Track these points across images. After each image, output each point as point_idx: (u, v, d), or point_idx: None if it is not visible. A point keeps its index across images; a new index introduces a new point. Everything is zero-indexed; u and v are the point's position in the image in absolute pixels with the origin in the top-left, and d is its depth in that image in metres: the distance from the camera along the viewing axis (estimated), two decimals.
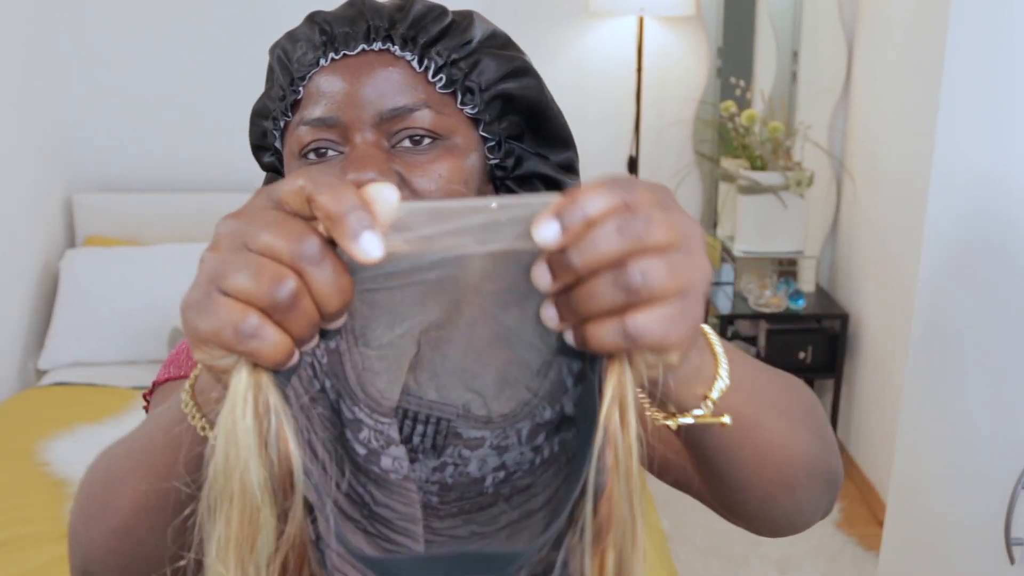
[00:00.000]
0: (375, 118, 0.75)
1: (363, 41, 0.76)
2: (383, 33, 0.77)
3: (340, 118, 0.75)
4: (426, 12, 0.79)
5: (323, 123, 0.75)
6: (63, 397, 2.65)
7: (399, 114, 0.75)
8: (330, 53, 0.77)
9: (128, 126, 3.20)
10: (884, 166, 2.94)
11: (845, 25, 3.21)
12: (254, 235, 0.47)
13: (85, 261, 2.98)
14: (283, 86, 0.79)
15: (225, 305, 0.46)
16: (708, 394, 0.59)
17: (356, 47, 0.76)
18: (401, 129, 0.75)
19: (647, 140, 3.36)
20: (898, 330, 2.82)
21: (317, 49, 0.77)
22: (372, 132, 0.75)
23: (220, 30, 3.13)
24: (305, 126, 0.76)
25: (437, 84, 0.77)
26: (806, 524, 0.75)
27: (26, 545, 1.98)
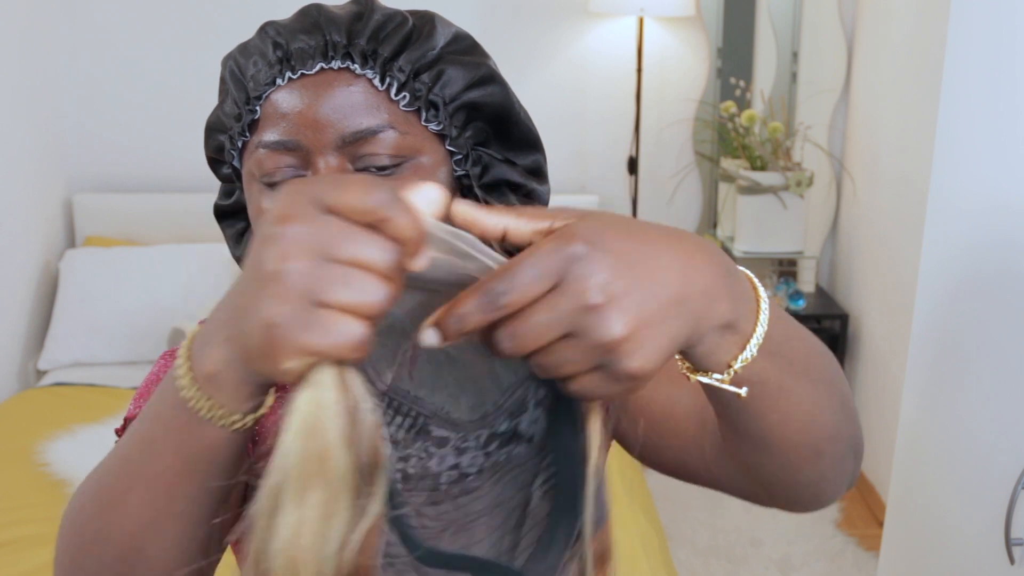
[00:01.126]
0: (337, 141, 0.72)
1: (321, 59, 0.72)
2: (342, 50, 0.73)
3: (301, 142, 0.72)
4: (384, 21, 0.75)
5: (283, 147, 0.72)
6: (63, 397, 2.65)
7: (362, 137, 0.72)
8: (287, 72, 0.73)
9: (128, 126, 3.20)
10: (884, 166, 2.94)
11: (845, 25, 3.21)
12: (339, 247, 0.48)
13: (85, 261, 2.98)
14: (238, 103, 0.75)
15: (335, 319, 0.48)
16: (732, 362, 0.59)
17: (314, 66, 0.72)
18: (365, 154, 0.72)
19: (647, 140, 3.36)
20: (898, 330, 2.82)
21: (272, 67, 0.73)
22: (335, 156, 0.72)
23: (220, 30, 3.13)
24: (264, 149, 0.72)
25: (400, 102, 0.74)
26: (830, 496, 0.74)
27: (26, 545, 1.98)
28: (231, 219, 0.84)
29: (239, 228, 0.84)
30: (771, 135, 3.12)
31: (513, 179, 0.81)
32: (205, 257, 3.02)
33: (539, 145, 0.85)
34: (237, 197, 0.82)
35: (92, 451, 2.28)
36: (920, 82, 2.63)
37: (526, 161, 0.83)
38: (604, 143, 3.36)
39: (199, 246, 3.06)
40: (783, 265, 3.28)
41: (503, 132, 0.81)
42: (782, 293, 3.17)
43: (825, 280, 3.47)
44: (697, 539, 2.79)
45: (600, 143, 3.36)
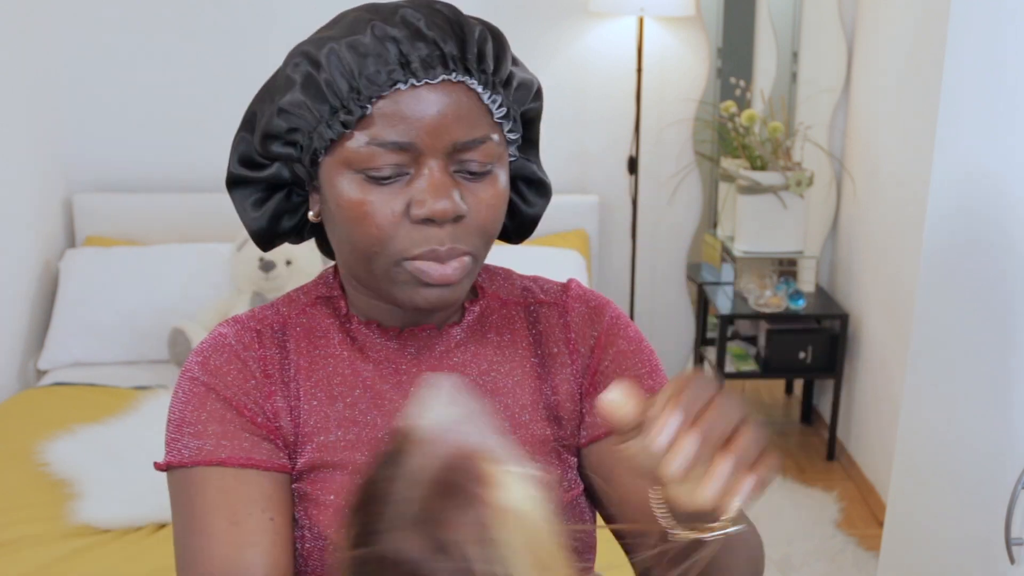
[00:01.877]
0: (449, 148, 0.80)
1: (443, 70, 0.79)
2: (460, 64, 0.80)
3: (417, 144, 0.79)
4: (481, 35, 0.82)
5: (400, 147, 0.79)
6: (63, 397, 2.65)
7: (472, 146, 0.81)
8: (410, 79, 0.79)
9: (128, 126, 3.20)
10: (884, 166, 2.94)
11: (845, 25, 3.21)
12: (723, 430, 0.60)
13: (85, 261, 2.98)
14: (342, 96, 0.80)
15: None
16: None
17: (437, 75, 0.79)
18: (465, 159, 0.81)
19: (647, 140, 3.36)
20: (898, 330, 2.82)
21: (394, 70, 0.79)
22: (441, 159, 0.80)
23: (220, 31, 3.13)
24: (378, 147, 0.79)
25: (497, 114, 0.83)
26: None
27: (26, 545, 1.98)
28: (245, 187, 0.89)
29: (258, 196, 0.89)
30: (771, 135, 3.12)
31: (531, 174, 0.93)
32: (205, 257, 3.02)
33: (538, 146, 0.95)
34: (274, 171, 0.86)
35: (92, 451, 2.28)
36: (920, 82, 2.63)
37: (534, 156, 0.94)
38: (604, 143, 3.36)
39: (199, 246, 3.05)
40: (783, 265, 3.28)
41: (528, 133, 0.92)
42: (782, 293, 3.17)
43: (825, 280, 3.47)
44: None
45: (600, 143, 3.36)
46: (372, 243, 0.82)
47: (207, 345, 0.89)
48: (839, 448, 3.32)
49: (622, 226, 3.43)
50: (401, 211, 0.81)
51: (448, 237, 0.81)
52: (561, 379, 0.95)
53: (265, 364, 0.88)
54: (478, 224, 0.83)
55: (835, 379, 3.22)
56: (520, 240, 0.98)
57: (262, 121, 0.85)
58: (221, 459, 0.83)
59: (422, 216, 0.80)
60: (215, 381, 0.86)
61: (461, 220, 0.82)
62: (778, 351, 3.19)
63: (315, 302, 0.93)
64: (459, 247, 0.82)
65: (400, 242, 0.81)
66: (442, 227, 0.81)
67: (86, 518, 2.05)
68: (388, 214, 0.80)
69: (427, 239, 0.81)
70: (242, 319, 0.91)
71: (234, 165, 0.89)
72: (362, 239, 0.82)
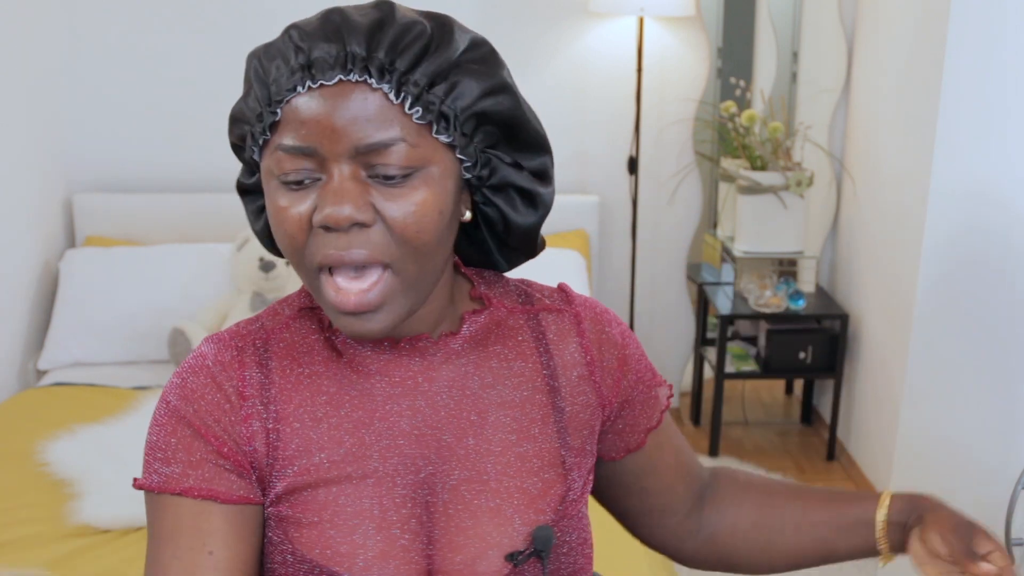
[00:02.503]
0: (351, 151, 0.76)
1: (340, 70, 0.76)
2: (360, 62, 0.76)
3: (317, 149, 0.77)
4: (403, 32, 0.78)
5: (300, 152, 0.77)
6: (63, 397, 2.65)
7: (374, 149, 0.76)
8: (307, 80, 0.76)
9: (128, 126, 3.20)
10: (884, 166, 2.94)
11: (845, 25, 3.21)
12: None
13: (85, 261, 2.98)
14: (260, 103, 0.80)
15: None
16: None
17: (333, 77, 0.76)
18: (376, 163, 0.77)
19: (647, 140, 3.36)
20: (898, 330, 2.82)
21: (294, 73, 0.77)
22: (349, 164, 0.77)
23: (220, 31, 3.13)
24: (283, 152, 0.78)
25: (413, 115, 0.78)
26: None
27: (26, 545, 1.98)
28: (252, 195, 0.90)
29: (260, 204, 0.89)
30: (771, 135, 3.12)
31: (519, 183, 0.86)
32: (205, 257, 3.01)
33: (547, 147, 0.89)
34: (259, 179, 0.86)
35: (92, 451, 2.28)
36: (920, 82, 2.63)
37: (533, 163, 0.87)
38: (604, 143, 3.36)
39: (199, 246, 3.05)
40: (783, 265, 3.28)
41: (512, 136, 0.85)
42: (782, 293, 3.17)
43: (825, 280, 3.47)
44: None
45: (600, 143, 3.36)
46: (290, 253, 0.81)
47: (186, 367, 0.88)
48: (839, 448, 3.32)
49: (622, 226, 3.43)
50: (308, 216, 0.79)
51: (354, 244, 0.78)
52: (578, 391, 0.94)
53: (243, 386, 0.86)
54: (396, 233, 0.78)
55: (835, 379, 3.22)
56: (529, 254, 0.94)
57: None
58: (183, 488, 0.84)
59: (319, 222, 0.77)
60: (187, 408, 0.86)
61: (367, 228, 0.78)
62: (778, 351, 3.19)
63: (298, 314, 0.91)
64: (366, 255, 0.78)
65: (310, 249, 0.79)
66: (346, 233, 0.78)
67: (86, 518, 2.05)
68: (297, 220, 0.79)
69: (330, 245, 0.78)
70: (224, 336, 0.89)
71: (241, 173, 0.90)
72: (282, 247, 0.81)
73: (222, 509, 0.84)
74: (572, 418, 0.93)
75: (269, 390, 0.87)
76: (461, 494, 0.88)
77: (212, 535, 0.84)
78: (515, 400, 0.91)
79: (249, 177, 0.88)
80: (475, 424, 0.89)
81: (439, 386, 0.89)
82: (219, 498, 0.84)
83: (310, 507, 0.85)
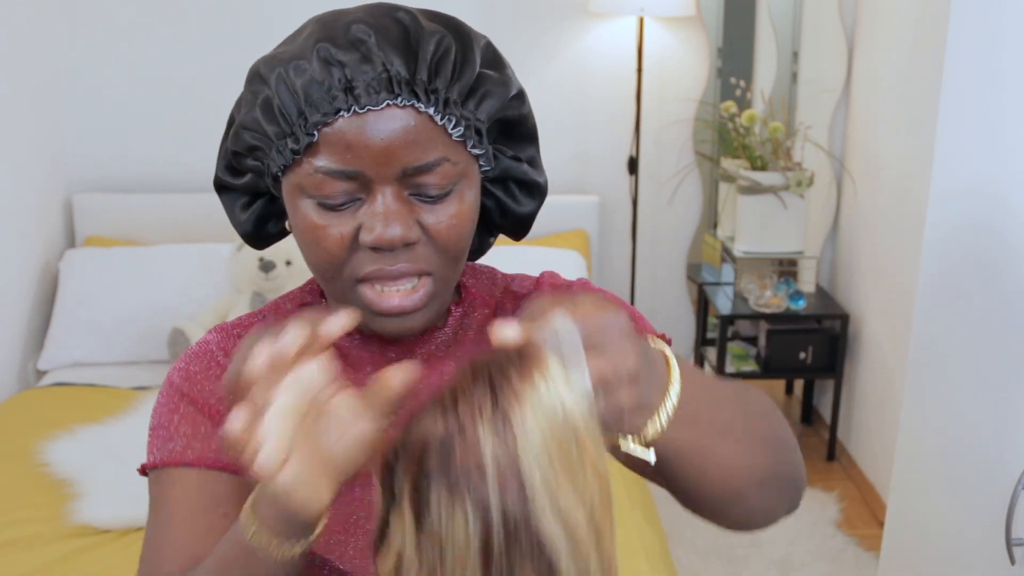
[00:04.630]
0: (399, 174, 0.77)
1: (387, 95, 0.76)
2: (407, 87, 0.77)
3: (365, 173, 0.77)
4: (436, 48, 0.78)
5: (347, 176, 0.77)
6: (63, 397, 2.65)
7: (424, 170, 0.78)
8: (353, 106, 0.76)
9: (128, 126, 3.20)
10: (884, 166, 2.94)
11: (845, 25, 3.21)
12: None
13: (85, 261, 2.98)
14: (290, 120, 0.77)
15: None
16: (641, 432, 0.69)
17: (381, 101, 0.76)
18: (421, 183, 0.78)
19: (647, 140, 3.36)
20: (898, 330, 2.82)
21: (336, 97, 0.76)
22: (393, 186, 0.78)
23: (220, 31, 3.13)
24: (325, 175, 0.77)
25: (455, 135, 0.79)
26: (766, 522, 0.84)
27: (26, 545, 1.98)
28: (231, 192, 0.89)
29: (243, 201, 0.89)
30: (771, 135, 3.12)
31: (520, 175, 0.89)
32: (205, 257, 3.01)
33: (536, 136, 0.91)
34: (250, 181, 0.86)
35: (92, 451, 2.28)
36: (921, 82, 2.63)
37: (528, 153, 0.90)
38: (604, 143, 3.36)
39: (199, 246, 3.05)
40: (783, 265, 3.28)
41: (513, 131, 0.88)
42: (782, 293, 3.17)
43: (825, 280, 3.47)
44: (698, 540, 2.79)
45: (600, 143, 3.36)
46: (326, 267, 0.81)
47: (190, 352, 0.90)
48: (839, 448, 3.32)
49: (622, 226, 3.43)
50: (351, 236, 0.79)
51: (401, 259, 0.80)
52: None
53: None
54: (439, 245, 0.81)
55: (835, 379, 3.22)
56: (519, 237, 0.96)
57: (229, 136, 0.85)
58: (187, 460, 0.84)
59: (369, 243, 0.78)
60: (190, 387, 0.87)
61: (415, 245, 0.80)
62: (778, 351, 3.19)
63: (300, 310, 0.92)
64: (412, 268, 0.80)
65: (351, 265, 0.80)
66: (394, 252, 0.79)
67: (86, 518, 2.05)
68: (339, 239, 0.79)
69: (376, 261, 0.80)
70: (227, 326, 0.91)
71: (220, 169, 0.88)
72: (318, 262, 0.81)
73: (230, 478, 0.84)
74: None
75: None
76: None
77: (226, 498, 0.84)
78: None
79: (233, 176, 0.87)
80: None
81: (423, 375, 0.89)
82: (227, 468, 0.84)
83: None
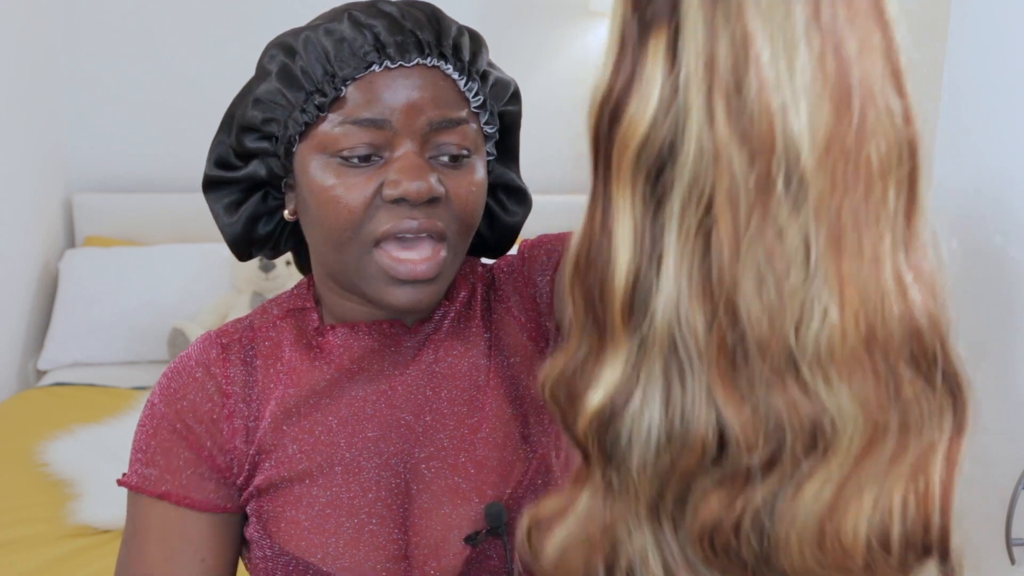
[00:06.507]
0: (426, 127, 0.79)
1: (417, 54, 0.79)
2: (436, 50, 0.80)
3: (393, 123, 0.79)
4: (458, 30, 0.83)
5: (372, 123, 0.78)
6: (63, 397, 2.65)
7: (449, 126, 0.80)
8: (385, 61, 0.79)
9: (128, 126, 3.20)
10: None
11: None
12: None
13: (85, 261, 2.98)
14: (315, 79, 0.79)
15: None
16: None
17: (412, 59, 0.79)
18: (442, 143, 0.80)
19: None
20: None
21: (369, 52, 0.79)
22: (415, 143, 0.79)
23: (220, 31, 3.13)
24: (352, 125, 0.79)
25: (474, 104, 0.83)
26: None
27: (26, 545, 1.98)
28: (221, 189, 0.88)
29: (234, 199, 0.88)
30: None
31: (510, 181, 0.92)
32: (205, 257, 3.01)
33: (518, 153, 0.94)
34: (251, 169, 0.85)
35: (92, 451, 2.28)
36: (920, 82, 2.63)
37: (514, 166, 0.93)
38: None
39: (199, 246, 3.05)
40: None
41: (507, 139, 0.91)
42: None
43: None
44: None
45: None
46: (344, 227, 0.80)
47: (172, 368, 0.90)
48: None
49: None
50: (373, 193, 0.79)
51: (422, 215, 0.79)
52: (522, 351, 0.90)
53: (225, 383, 0.87)
54: (457, 209, 0.81)
55: None
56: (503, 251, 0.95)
57: (237, 116, 0.85)
58: (162, 492, 0.87)
59: (395, 196, 0.78)
60: (169, 410, 0.88)
61: (437, 203, 0.80)
62: None
63: (286, 314, 0.91)
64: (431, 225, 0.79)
65: (370, 225, 0.79)
66: (416, 208, 0.79)
67: (86, 518, 2.05)
68: (360, 197, 0.79)
69: (398, 216, 0.79)
70: (212, 334, 0.90)
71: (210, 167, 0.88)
72: (334, 224, 0.80)
73: (203, 518, 0.87)
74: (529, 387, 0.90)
75: (252, 388, 0.88)
76: (421, 473, 0.87)
77: (203, 543, 0.86)
78: (462, 370, 0.89)
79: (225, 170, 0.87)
80: (430, 399, 0.88)
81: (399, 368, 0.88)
82: (196, 507, 0.86)
83: (286, 500, 0.86)
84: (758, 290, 0.42)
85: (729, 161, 0.42)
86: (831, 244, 0.42)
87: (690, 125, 0.43)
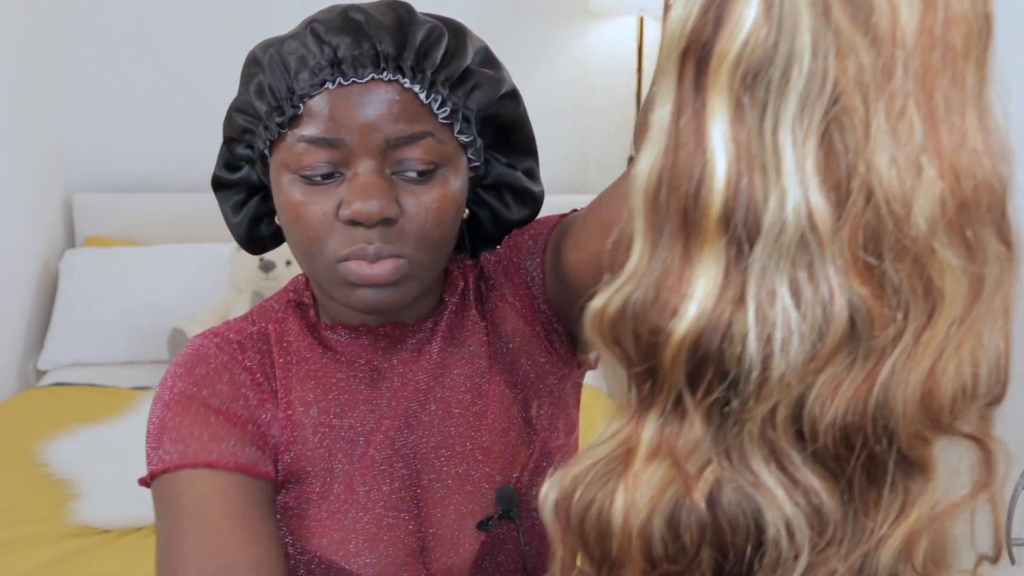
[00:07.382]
0: (381, 144, 0.78)
1: (372, 68, 0.78)
2: (392, 62, 0.78)
3: (346, 140, 0.77)
4: (427, 34, 0.80)
5: (327, 143, 0.77)
6: (63, 397, 2.65)
7: (405, 142, 0.78)
8: (338, 78, 0.77)
9: (128, 126, 3.20)
10: None
11: None
12: None
13: (85, 261, 2.98)
14: (278, 96, 0.79)
15: None
16: None
17: (366, 74, 0.78)
18: (404, 158, 0.78)
19: None
20: None
21: (323, 69, 0.78)
22: (374, 160, 0.78)
23: (220, 31, 3.13)
24: (304, 143, 0.78)
25: (440, 115, 0.80)
26: None
27: (26, 545, 1.98)
28: (227, 190, 0.90)
29: (238, 199, 0.89)
30: None
31: (514, 182, 0.89)
32: (205, 257, 3.02)
33: (535, 151, 0.92)
34: (245, 174, 0.87)
35: (92, 451, 2.28)
36: None
37: (524, 166, 0.91)
38: (604, 143, 3.36)
39: (199, 246, 3.05)
40: None
41: (509, 138, 0.88)
42: None
43: None
44: None
45: (600, 143, 3.36)
46: (308, 244, 0.80)
47: (188, 358, 0.86)
48: None
49: None
50: (334, 210, 0.79)
51: (378, 237, 0.78)
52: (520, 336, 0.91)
53: (253, 374, 0.86)
54: (415, 228, 0.79)
55: None
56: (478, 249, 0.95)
57: (224, 124, 0.86)
58: (208, 461, 0.79)
59: (346, 217, 0.78)
60: (199, 390, 0.83)
61: (393, 223, 0.79)
62: None
63: (287, 308, 0.91)
64: (388, 248, 0.79)
65: (332, 243, 0.79)
66: (371, 228, 0.78)
67: (86, 518, 2.05)
68: (320, 215, 0.79)
69: (355, 239, 0.78)
70: (220, 331, 0.89)
71: (217, 167, 0.89)
72: (300, 241, 0.81)
73: (256, 483, 0.81)
74: (527, 371, 0.91)
75: (272, 379, 0.87)
76: (432, 463, 0.87)
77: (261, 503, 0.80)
78: (464, 358, 0.90)
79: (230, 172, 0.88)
80: (435, 390, 0.88)
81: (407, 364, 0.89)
82: (249, 471, 0.80)
83: (308, 497, 0.85)
84: (890, 169, 0.46)
85: (856, 53, 0.46)
86: (930, 122, 0.47)
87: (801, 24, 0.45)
